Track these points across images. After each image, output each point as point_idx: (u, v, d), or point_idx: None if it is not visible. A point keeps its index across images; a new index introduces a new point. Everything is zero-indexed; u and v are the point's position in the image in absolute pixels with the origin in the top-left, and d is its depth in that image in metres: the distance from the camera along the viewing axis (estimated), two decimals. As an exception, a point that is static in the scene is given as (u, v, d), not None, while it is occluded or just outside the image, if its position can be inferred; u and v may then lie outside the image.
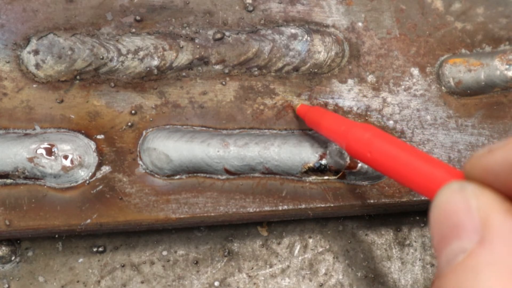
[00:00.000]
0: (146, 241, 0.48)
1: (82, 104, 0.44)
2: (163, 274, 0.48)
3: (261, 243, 0.49)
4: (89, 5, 0.45)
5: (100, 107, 0.44)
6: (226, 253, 0.48)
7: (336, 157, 0.44)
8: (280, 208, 0.44)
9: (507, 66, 0.46)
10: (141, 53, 0.44)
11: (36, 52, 0.44)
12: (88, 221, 0.43)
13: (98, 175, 0.44)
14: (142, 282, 0.47)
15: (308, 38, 0.46)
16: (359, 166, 0.44)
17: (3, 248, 0.46)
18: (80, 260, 0.47)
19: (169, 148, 0.43)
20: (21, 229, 0.43)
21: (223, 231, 0.49)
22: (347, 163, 0.44)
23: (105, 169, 0.44)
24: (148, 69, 0.45)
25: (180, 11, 0.46)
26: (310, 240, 0.49)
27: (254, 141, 0.44)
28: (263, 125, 0.45)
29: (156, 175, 0.44)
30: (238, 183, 0.45)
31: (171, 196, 0.44)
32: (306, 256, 0.49)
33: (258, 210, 0.44)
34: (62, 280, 0.47)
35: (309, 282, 0.48)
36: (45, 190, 0.43)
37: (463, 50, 0.48)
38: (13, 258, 0.46)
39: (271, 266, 0.48)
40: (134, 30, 0.45)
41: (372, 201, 0.45)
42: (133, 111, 0.45)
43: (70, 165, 0.43)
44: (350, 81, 0.46)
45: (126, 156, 0.44)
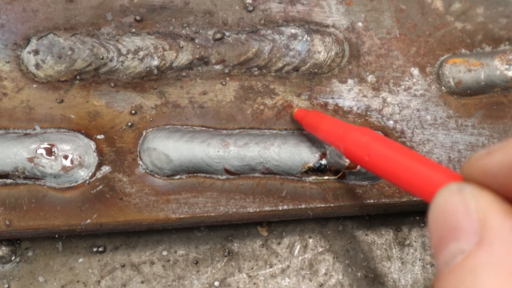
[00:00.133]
0: (146, 241, 0.48)
1: (82, 104, 0.44)
2: (163, 274, 0.48)
3: (261, 243, 0.49)
4: (89, 5, 0.45)
5: (100, 107, 0.44)
6: (226, 253, 0.48)
7: (336, 157, 0.44)
8: (280, 208, 0.44)
9: (507, 66, 0.46)
10: (141, 53, 0.44)
11: (36, 52, 0.44)
12: (88, 221, 0.43)
13: (98, 175, 0.44)
14: (142, 282, 0.47)
15: (308, 38, 0.46)
16: (359, 166, 0.44)
17: (3, 248, 0.46)
18: (80, 260, 0.47)
19: (169, 148, 0.43)
20: (21, 229, 0.43)
21: (223, 231, 0.49)
22: (347, 163, 0.44)
23: (105, 169, 0.44)
24: (148, 69, 0.45)
25: (180, 11, 0.46)
26: (310, 240, 0.49)
27: (254, 141, 0.44)
28: (263, 125, 0.45)
29: (156, 175, 0.44)
30: (238, 183, 0.45)
31: (171, 196, 0.44)
32: (306, 256, 0.49)
33: (258, 210, 0.44)
34: (62, 280, 0.47)
35: (309, 282, 0.48)
36: (45, 190, 0.43)
37: (463, 50, 0.48)
38: (13, 258, 0.46)
39: (271, 266, 0.48)
40: (134, 30, 0.45)
41: (372, 201, 0.45)
42: (133, 111, 0.45)
43: (70, 165, 0.43)
44: (350, 81, 0.46)
45: (126, 156, 0.44)
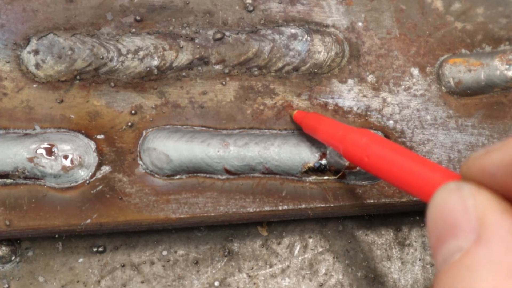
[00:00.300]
0: (146, 241, 0.48)
1: (82, 104, 0.44)
2: (163, 274, 0.48)
3: (261, 243, 0.49)
4: (89, 5, 0.45)
5: (100, 107, 0.44)
6: (226, 253, 0.48)
7: (336, 157, 0.44)
8: (280, 208, 0.44)
9: (507, 66, 0.46)
10: (141, 53, 0.44)
11: (36, 52, 0.44)
12: (88, 221, 0.43)
13: (98, 175, 0.44)
14: (142, 282, 0.47)
15: (308, 38, 0.46)
16: (359, 167, 0.44)
17: (3, 248, 0.46)
18: (80, 260, 0.47)
19: (169, 148, 0.43)
20: (21, 229, 0.43)
21: (223, 231, 0.49)
22: (347, 163, 0.44)
23: (105, 169, 0.44)
24: (148, 69, 0.45)
25: (180, 11, 0.46)
26: (310, 240, 0.49)
27: (254, 141, 0.44)
28: (263, 125, 0.45)
29: (156, 175, 0.44)
30: (238, 183, 0.45)
31: (171, 196, 0.44)
32: (306, 256, 0.49)
33: (258, 210, 0.44)
34: (62, 280, 0.47)
35: (309, 282, 0.48)
36: (45, 190, 0.43)
37: (463, 50, 0.48)
38: (13, 258, 0.46)
39: (271, 266, 0.48)
40: (134, 30, 0.45)
41: (372, 201, 0.45)
42: (133, 111, 0.45)
43: (70, 165, 0.43)
44: (350, 81, 0.46)
45: (126, 156, 0.44)
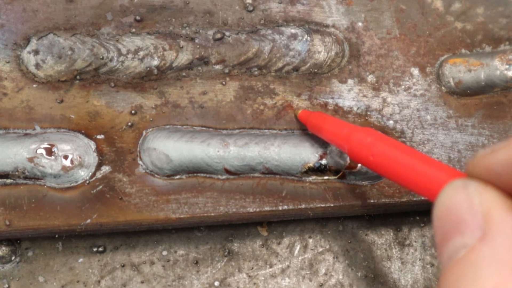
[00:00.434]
0: (146, 241, 0.48)
1: (82, 104, 0.44)
2: (163, 274, 0.48)
3: (261, 243, 0.49)
4: (89, 5, 0.45)
5: (100, 107, 0.44)
6: (226, 253, 0.48)
7: (336, 157, 0.44)
8: (280, 208, 0.44)
9: (507, 66, 0.46)
10: (141, 53, 0.44)
11: (36, 52, 0.44)
12: (88, 221, 0.43)
13: (98, 175, 0.44)
14: (142, 282, 0.47)
15: (308, 38, 0.46)
16: (359, 166, 0.44)
17: (3, 248, 0.46)
18: (80, 260, 0.47)
19: (169, 148, 0.43)
20: (21, 229, 0.43)
21: (223, 231, 0.49)
22: (347, 163, 0.44)
23: (105, 169, 0.44)
24: (148, 69, 0.45)
25: (180, 11, 0.46)
26: (310, 240, 0.49)
27: (254, 141, 0.44)
28: (263, 125, 0.45)
29: (156, 175, 0.44)
30: (238, 183, 0.45)
31: (171, 196, 0.44)
32: (306, 256, 0.49)
33: (258, 210, 0.44)
34: (62, 280, 0.47)
35: (309, 282, 0.48)
36: (45, 190, 0.43)
37: (463, 50, 0.48)
38: (13, 258, 0.46)
39: (271, 266, 0.48)
40: (134, 30, 0.45)
41: (372, 201, 0.45)
42: (133, 111, 0.45)
43: (70, 165, 0.43)
44: (350, 81, 0.46)
45: (126, 156, 0.44)
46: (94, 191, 0.43)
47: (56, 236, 0.45)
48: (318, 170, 0.44)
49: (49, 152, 0.43)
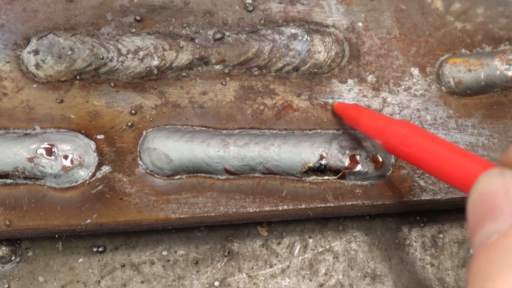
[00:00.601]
0: (146, 241, 0.48)
1: (82, 104, 0.44)
2: (163, 274, 0.48)
3: (261, 243, 0.49)
4: (89, 5, 0.45)
5: (100, 107, 0.44)
6: (226, 253, 0.48)
7: (336, 157, 0.44)
8: (280, 208, 0.44)
9: (507, 66, 0.46)
10: (141, 53, 0.44)
11: (36, 52, 0.44)
12: (88, 221, 0.43)
13: (98, 175, 0.44)
14: (142, 282, 0.47)
15: (308, 38, 0.46)
16: (358, 167, 0.44)
17: (3, 248, 0.46)
18: (80, 260, 0.47)
19: (169, 148, 0.43)
20: (21, 229, 0.43)
21: (223, 231, 0.49)
22: (347, 163, 0.44)
23: (105, 169, 0.44)
24: (148, 69, 0.45)
25: (180, 11, 0.46)
26: (310, 240, 0.49)
27: (254, 141, 0.44)
28: (263, 125, 0.45)
29: (156, 175, 0.44)
30: (238, 183, 0.45)
31: (171, 196, 0.44)
32: (306, 256, 0.49)
33: (258, 210, 0.44)
34: (62, 280, 0.47)
35: (309, 282, 0.48)
36: (45, 190, 0.43)
37: (463, 50, 0.48)
38: (13, 258, 0.46)
39: (271, 266, 0.48)
40: (134, 30, 0.45)
41: (372, 201, 0.45)
42: (133, 111, 0.45)
43: (70, 165, 0.43)
44: (350, 81, 0.46)
45: (126, 156, 0.44)
46: (94, 191, 0.43)
47: (56, 236, 0.45)
48: (318, 170, 0.44)
49: (49, 152, 0.43)
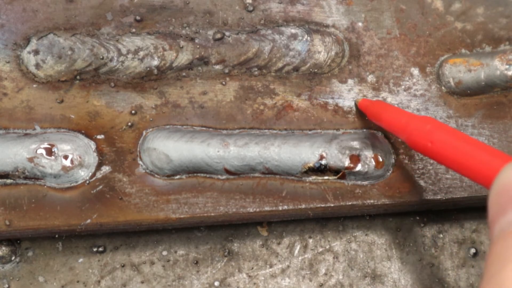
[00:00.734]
0: (146, 241, 0.48)
1: (82, 104, 0.44)
2: (163, 274, 0.48)
3: (261, 243, 0.49)
4: (89, 5, 0.45)
5: (100, 107, 0.44)
6: (226, 253, 0.48)
7: (336, 157, 0.44)
8: (280, 208, 0.44)
9: (507, 66, 0.46)
10: (141, 53, 0.44)
11: (36, 52, 0.44)
12: (88, 221, 0.43)
13: (98, 175, 0.44)
14: (142, 282, 0.47)
15: (308, 38, 0.46)
16: (358, 166, 0.44)
17: (3, 248, 0.46)
18: (80, 260, 0.47)
19: (169, 148, 0.43)
20: (21, 229, 0.43)
21: (223, 231, 0.49)
22: (347, 163, 0.44)
23: (105, 169, 0.44)
24: (148, 69, 0.45)
25: (180, 11, 0.46)
26: (310, 240, 0.49)
27: (254, 141, 0.44)
28: (263, 125, 0.45)
29: (156, 175, 0.44)
30: (238, 183, 0.45)
31: (171, 196, 0.44)
32: (306, 256, 0.49)
33: (258, 210, 0.44)
34: (62, 280, 0.47)
35: (309, 282, 0.48)
36: (45, 190, 0.43)
37: (463, 50, 0.48)
38: (13, 258, 0.46)
39: (271, 266, 0.48)
40: (134, 30, 0.45)
41: (372, 201, 0.45)
42: (133, 111, 0.45)
43: (70, 165, 0.43)
44: (350, 81, 0.46)
45: (126, 156, 0.44)
46: (94, 191, 0.43)
47: (56, 236, 0.45)
48: (318, 170, 0.44)
49: (49, 152, 0.43)
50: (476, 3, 0.48)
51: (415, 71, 0.47)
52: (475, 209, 0.49)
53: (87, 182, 0.44)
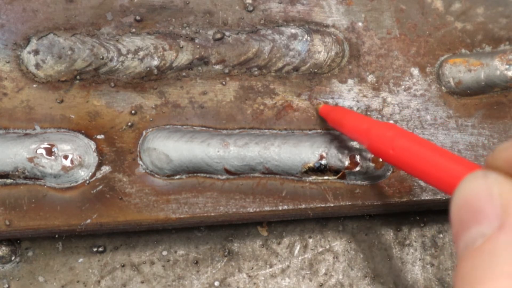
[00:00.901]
0: (146, 241, 0.48)
1: (82, 104, 0.44)
2: (163, 274, 0.48)
3: (261, 243, 0.49)
4: (89, 5, 0.45)
5: (100, 107, 0.44)
6: (226, 253, 0.48)
7: (336, 157, 0.44)
8: (280, 208, 0.44)
9: (507, 66, 0.46)
10: (141, 53, 0.44)
11: (36, 52, 0.44)
12: (88, 221, 0.43)
13: (98, 175, 0.44)
14: (142, 282, 0.47)
15: (308, 38, 0.46)
16: (359, 166, 0.44)
17: (3, 248, 0.46)
18: (80, 260, 0.47)
19: (169, 148, 0.43)
20: (21, 229, 0.43)
21: (223, 231, 0.49)
22: (347, 163, 0.44)
23: (105, 169, 0.44)
24: (148, 69, 0.45)
25: (180, 11, 0.46)
26: (310, 240, 0.49)
27: (254, 141, 0.44)
28: (263, 125, 0.45)
29: (156, 175, 0.44)
30: (238, 183, 0.45)
31: (171, 196, 0.44)
32: (306, 256, 0.49)
33: (258, 210, 0.44)
34: (62, 280, 0.47)
35: (309, 282, 0.48)
36: (45, 190, 0.43)
37: (463, 50, 0.48)
38: (13, 258, 0.46)
39: (271, 266, 0.48)
40: (134, 30, 0.45)
41: (372, 201, 0.45)
42: (133, 111, 0.45)
43: (70, 165, 0.43)
44: (350, 81, 0.46)
45: (126, 156, 0.44)
46: (94, 191, 0.43)
47: (56, 236, 0.45)
48: (318, 170, 0.44)
49: (49, 152, 0.43)
50: (476, 3, 0.48)
51: (415, 71, 0.47)
52: (475, 209, 0.48)
53: (87, 182, 0.44)
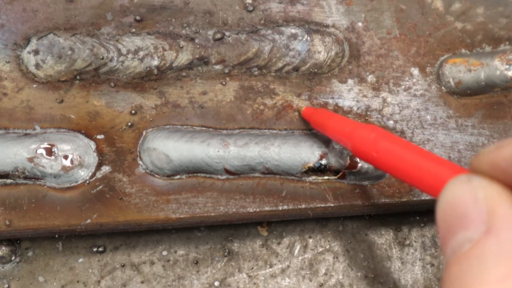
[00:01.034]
0: (146, 241, 0.48)
1: (82, 104, 0.44)
2: (163, 274, 0.48)
3: (261, 243, 0.49)
4: (89, 5, 0.45)
5: (100, 107, 0.44)
6: (226, 253, 0.48)
7: (336, 157, 0.44)
8: (280, 208, 0.44)
9: (507, 66, 0.46)
10: (141, 53, 0.44)
11: (36, 52, 0.44)
12: (88, 221, 0.43)
13: (98, 175, 0.44)
14: (142, 282, 0.47)
15: (308, 38, 0.46)
16: (359, 166, 0.44)
17: (3, 248, 0.46)
18: (80, 260, 0.47)
19: (169, 148, 0.43)
20: (21, 229, 0.43)
21: (223, 231, 0.49)
22: (347, 163, 0.44)
23: (105, 169, 0.44)
24: (148, 69, 0.45)
25: (180, 11, 0.46)
26: (310, 240, 0.49)
27: (254, 141, 0.44)
28: (263, 125, 0.45)
29: (156, 175, 0.44)
30: (238, 183, 0.45)
31: (171, 196, 0.44)
32: (306, 256, 0.49)
33: (258, 210, 0.44)
34: (62, 280, 0.47)
35: (309, 282, 0.48)
36: (45, 190, 0.43)
37: (463, 50, 0.48)
38: (13, 258, 0.46)
39: (271, 266, 0.48)
40: (134, 30, 0.45)
41: (372, 201, 0.45)
42: (133, 111, 0.45)
43: (70, 165, 0.43)
44: (350, 81, 0.46)
45: (126, 156, 0.44)
46: (94, 191, 0.43)
47: (56, 236, 0.45)
48: (318, 170, 0.44)
49: (49, 152, 0.43)
50: (476, 3, 0.48)
51: (415, 71, 0.47)
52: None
53: (87, 182, 0.44)
